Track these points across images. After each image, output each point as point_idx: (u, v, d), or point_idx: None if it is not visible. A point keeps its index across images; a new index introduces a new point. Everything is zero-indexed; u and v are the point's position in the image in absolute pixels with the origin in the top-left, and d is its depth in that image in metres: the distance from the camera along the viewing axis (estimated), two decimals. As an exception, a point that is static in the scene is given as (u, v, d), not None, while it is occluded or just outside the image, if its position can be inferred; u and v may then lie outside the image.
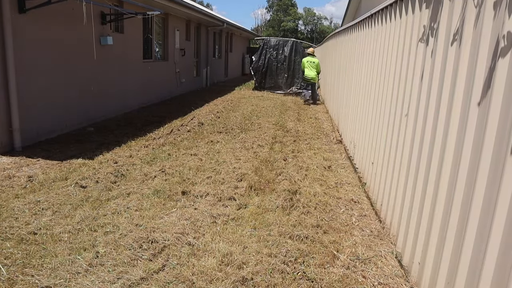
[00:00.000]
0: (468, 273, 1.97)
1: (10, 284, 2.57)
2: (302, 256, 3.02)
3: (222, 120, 8.77)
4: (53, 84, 6.50)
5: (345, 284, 2.71)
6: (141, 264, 2.86)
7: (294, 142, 6.96)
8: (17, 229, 3.26)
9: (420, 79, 2.93)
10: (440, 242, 2.34)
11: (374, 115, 4.51)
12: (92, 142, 6.41)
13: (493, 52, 1.91)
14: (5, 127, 5.53)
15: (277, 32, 63.63)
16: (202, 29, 15.57)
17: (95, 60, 7.62)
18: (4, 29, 5.30)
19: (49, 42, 6.32)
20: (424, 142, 2.75)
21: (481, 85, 2.00)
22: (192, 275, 2.74)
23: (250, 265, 2.86)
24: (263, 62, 15.20)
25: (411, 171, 3.00)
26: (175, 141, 6.62)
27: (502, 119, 1.78)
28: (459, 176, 2.17)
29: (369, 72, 5.04)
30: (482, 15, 2.03)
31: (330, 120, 9.44)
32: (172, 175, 4.77)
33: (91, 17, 7.23)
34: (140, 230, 3.36)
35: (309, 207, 3.96)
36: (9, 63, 5.38)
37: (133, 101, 9.75)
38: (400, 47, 3.56)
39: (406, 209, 3.03)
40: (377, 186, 4.05)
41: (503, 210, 1.71)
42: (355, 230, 3.56)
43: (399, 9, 3.70)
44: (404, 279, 2.80)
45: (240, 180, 4.71)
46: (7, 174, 4.60)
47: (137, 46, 9.85)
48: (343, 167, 5.56)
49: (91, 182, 4.42)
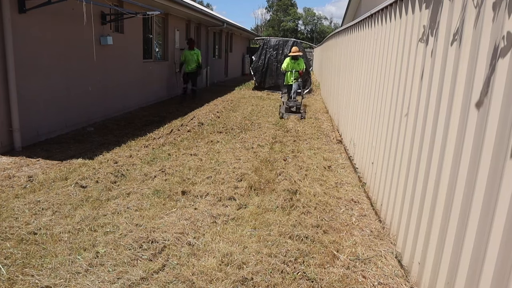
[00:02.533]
0: (468, 273, 1.97)
1: (10, 284, 2.57)
2: (302, 256, 3.02)
3: (222, 120, 8.77)
4: (53, 84, 6.50)
5: (345, 284, 2.71)
6: (141, 264, 2.86)
7: (294, 142, 6.96)
8: (17, 229, 3.26)
9: (420, 79, 2.93)
10: (440, 242, 2.34)
11: (374, 115, 4.51)
12: (92, 142, 6.42)
13: (493, 52, 1.91)
14: (5, 127, 5.54)
15: (277, 32, 63.63)
16: (202, 29, 15.57)
17: (95, 60, 7.62)
18: (4, 29, 5.30)
19: (49, 42, 6.32)
20: (424, 142, 2.75)
21: (481, 85, 2.00)
22: (192, 275, 2.74)
23: (250, 265, 2.86)
24: (263, 62, 15.19)
25: (411, 171, 3.00)
26: (175, 141, 6.62)
27: (502, 119, 1.78)
28: (459, 176, 2.17)
29: (369, 72, 5.04)
30: (482, 15, 2.03)
31: (330, 120, 9.44)
32: (172, 175, 4.77)
33: (91, 17, 7.23)
34: (140, 230, 3.36)
35: (309, 207, 3.96)
36: (9, 63, 5.38)
37: (133, 101, 9.75)
38: (400, 47, 3.56)
39: (406, 209, 3.03)
40: (377, 186, 4.05)
41: (503, 209, 1.71)
42: (355, 230, 3.56)
43: (399, 9, 3.70)
44: (404, 279, 2.80)
45: (240, 180, 4.71)
46: (7, 174, 4.60)
47: (137, 46, 9.85)
48: (343, 167, 5.56)
49: (91, 182, 4.42)
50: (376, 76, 4.55)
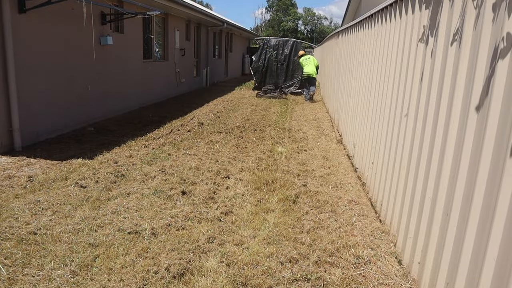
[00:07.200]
0: (468, 273, 1.97)
1: (10, 284, 2.57)
2: (301, 257, 3.02)
3: (222, 120, 8.77)
4: (53, 84, 6.50)
5: (345, 284, 2.71)
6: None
7: (294, 141, 6.96)
8: (17, 229, 3.26)
9: (420, 79, 2.94)
10: (440, 242, 2.35)
11: (374, 115, 4.51)
12: (92, 142, 6.41)
13: (493, 52, 1.91)
14: (5, 127, 5.54)
15: (277, 32, 63.64)
16: (202, 29, 15.57)
17: (95, 60, 7.62)
18: (4, 29, 5.30)
19: (49, 42, 6.32)
20: (424, 142, 2.75)
21: (481, 85, 2.00)
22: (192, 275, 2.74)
23: (251, 265, 2.87)
24: (263, 62, 15.19)
25: (411, 170, 3.00)
26: (175, 141, 6.62)
27: (502, 119, 1.78)
28: (459, 176, 2.17)
29: (369, 72, 5.04)
30: (482, 16, 2.04)
31: (330, 120, 9.44)
32: (172, 175, 4.77)
33: (91, 17, 7.23)
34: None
35: (309, 207, 3.96)
36: (9, 63, 5.38)
37: (133, 101, 9.75)
38: (400, 47, 3.56)
39: (406, 209, 3.03)
40: (377, 186, 4.05)
41: (503, 209, 1.71)
42: (355, 230, 3.56)
43: (399, 9, 3.70)
44: (404, 279, 2.80)
45: (240, 180, 4.71)
46: (7, 174, 4.60)
47: (137, 46, 9.85)
48: (343, 167, 5.56)
49: (91, 182, 4.42)
50: (376, 76, 4.55)
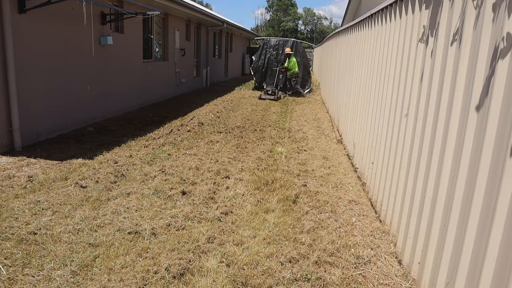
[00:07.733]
0: (468, 273, 1.97)
1: (10, 284, 2.57)
2: (301, 257, 3.02)
3: (222, 120, 8.78)
4: (53, 84, 6.50)
5: (345, 284, 2.71)
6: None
7: (294, 141, 6.96)
8: (17, 229, 3.26)
9: (420, 79, 2.94)
10: (440, 242, 2.35)
11: (374, 115, 4.51)
12: (92, 142, 6.41)
13: (493, 52, 1.91)
14: (5, 127, 5.53)
15: (277, 32, 63.62)
16: (202, 29, 15.57)
17: (95, 60, 7.62)
18: (4, 29, 5.30)
19: (49, 42, 6.32)
20: (424, 142, 2.75)
21: (481, 85, 2.00)
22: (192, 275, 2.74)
23: (251, 265, 2.86)
24: (263, 62, 15.19)
25: (411, 170, 3.00)
26: (175, 141, 6.62)
27: (502, 119, 1.78)
28: (459, 176, 2.17)
29: (369, 72, 5.04)
30: (482, 16, 2.04)
31: (330, 120, 9.45)
32: (172, 175, 4.77)
33: (91, 17, 7.23)
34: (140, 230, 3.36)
35: (309, 207, 3.96)
36: (9, 63, 5.38)
37: (133, 101, 9.75)
38: (400, 47, 3.56)
39: (406, 209, 3.03)
40: (377, 186, 4.05)
41: (503, 209, 1.71)
42: (355, 230, 3.56)
43: (399, 9, 3.71)
44: (404, 279, 2.80)
45: (240, 180, 4.71)
46: (7, 174, 4.60)
47: (137, 46, 9.85)
48: (343, 167, 5.56)
49: (91, 182, 4.42)
50: (376, 76, 4.55)
